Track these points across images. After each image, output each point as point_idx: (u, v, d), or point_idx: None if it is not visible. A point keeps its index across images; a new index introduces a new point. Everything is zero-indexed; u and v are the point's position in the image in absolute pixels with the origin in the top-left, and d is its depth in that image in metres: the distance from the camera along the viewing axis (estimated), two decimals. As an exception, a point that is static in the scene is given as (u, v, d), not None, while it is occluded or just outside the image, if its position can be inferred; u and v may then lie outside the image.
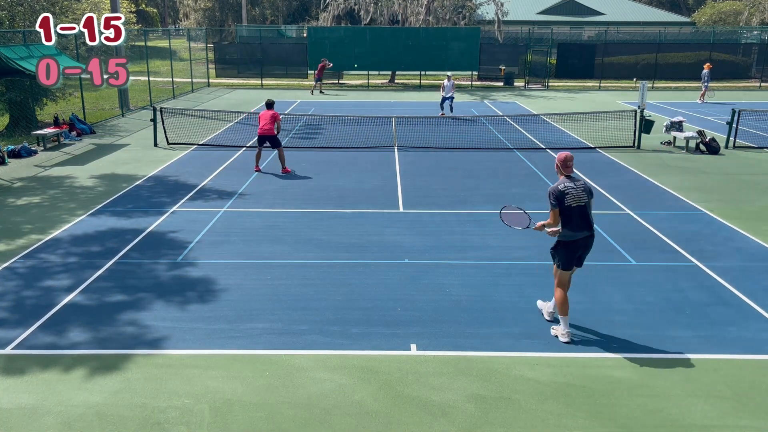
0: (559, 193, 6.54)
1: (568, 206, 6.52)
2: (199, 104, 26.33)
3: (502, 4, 35.38)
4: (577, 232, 6.58)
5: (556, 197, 6.54)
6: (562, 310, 6.75)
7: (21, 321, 7.15)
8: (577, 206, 6.54)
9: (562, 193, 6.53)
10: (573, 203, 6.53)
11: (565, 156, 6.72)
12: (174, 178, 13.81)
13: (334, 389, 5.88)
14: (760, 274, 8.60)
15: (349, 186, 13.14)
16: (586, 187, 6.68)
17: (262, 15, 60.08)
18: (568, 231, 6.58)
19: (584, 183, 6.70)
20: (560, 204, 6.52)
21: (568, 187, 6.56)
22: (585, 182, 6.71)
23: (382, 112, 22.76)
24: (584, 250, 6.72)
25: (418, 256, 9.18)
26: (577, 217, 6.55)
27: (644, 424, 5.41)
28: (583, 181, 6.74)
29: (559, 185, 6.59)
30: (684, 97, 29.91)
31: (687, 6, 63.64)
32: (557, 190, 6.57)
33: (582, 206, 6.56)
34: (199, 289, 8.05)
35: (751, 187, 13.26)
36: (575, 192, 6.56)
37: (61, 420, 5.41)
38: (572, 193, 6.54)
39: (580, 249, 6.68)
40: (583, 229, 6.60)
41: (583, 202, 6.57)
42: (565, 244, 6.64)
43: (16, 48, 14.78)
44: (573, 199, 6.54)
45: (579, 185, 6.62)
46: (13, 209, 11.49)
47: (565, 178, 6.66)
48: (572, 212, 6.53)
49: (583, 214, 6.58)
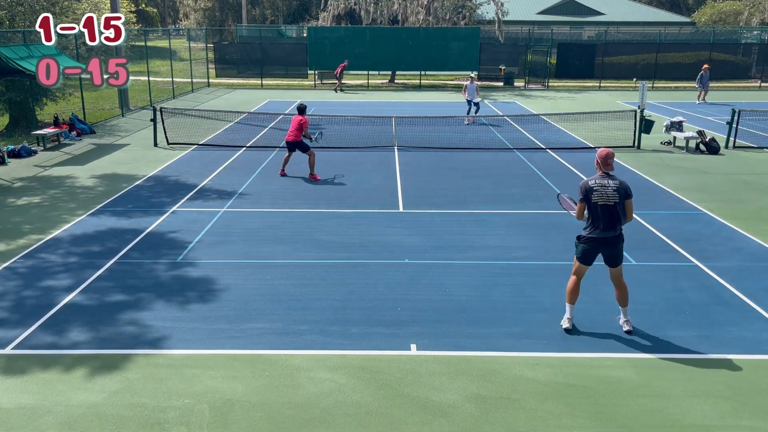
0: (588, 189, 6.55)
1: (594, 203, 6.52)
2: (199, 104, 26.33)
3: (502, 4, 35.38)
4: (598, 231, 6.57)
5: (584, 191, 6.57)
6: (570, 296, 6.87)
7: (21, 321, 7.15)
8: (604, 205, 6.50)
9: (591, 189, 6.54)
10: (599, 201, 6.50)
11: (606, 153, 6.66)
12: (174, 178, 13.81)
13: (333, 389, 5.88)
14: (760, 274, 8.60)
15: (349, 186, 13.14)
16: (621, 188, 6.56)
17: (262, 15, 60.06)
18: (590, 226, 6.62)
19: (620, 183, 6.59)
20: (587, 200, 6.55)
21: (598, 183, 6.54)
22: (622, 183, 6.60)
23: (382, 112, 22.75)
24: (605, 248, 6.66)
25: (418, 256, 9.18)
26: (602, 216, 6.52)
27: (644, 424, 5.41)
28: (620, 180, 6.62)
29: (590, 180, 6.60)
30: (684, 97, 29.90)
31: (687, 6, 63.63)
32: (587, 184, 6.59)
33: (610, 206, 6.50)
34: (199, 289, 8.05)
35: (751, 187, 13.26)
36: (604, 190, 6.50)
37: (61, 420, 5.41)
38: (600, 191, 6.50)
39: (600, 247, 6.66)
40: (606, 230, 6.56)
41: (611, 201, 6.49)
42: (585, 239, 6.69)
43: (16, 48, 14.78)
44: (600, 196, 6.50)
45: (613, 184, 6.54)
46: (13, 209, 11.49)
47: (603, 174, 6.61)
48: (598, 209, 6.52)
49: (609, 214, 6.52)
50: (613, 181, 6.57)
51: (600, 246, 6.65)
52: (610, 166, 6.62)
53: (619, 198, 6.52)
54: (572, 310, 6.95)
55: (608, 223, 6.55)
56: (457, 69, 35.29)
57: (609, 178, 6.59)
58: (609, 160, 6.62)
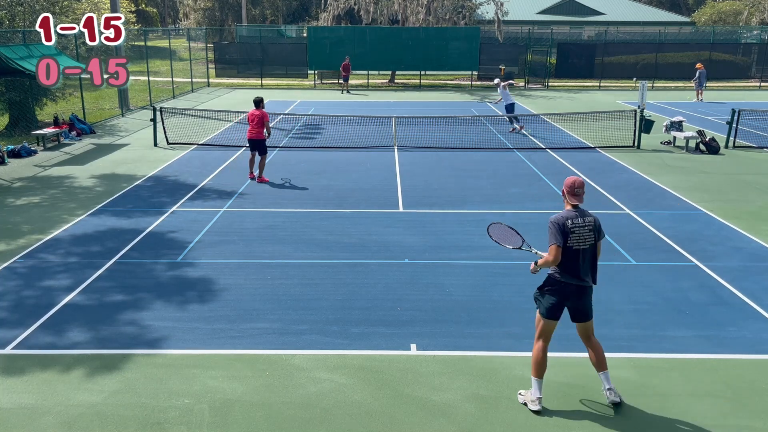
0: (566, 231, 5.31)
1: (569, 247, 5.33)
2: (199, 104, 26.32)
3: (502, 4, 35.37)
4: (572, 278, 5.38)
5: (561, 233, 5.30)
6: (536, 369, 5.56)
7: (21, 321, 7.15)
8: (580, 249, 5.36)
9: (570, 231, 5.31)
10: (575, 245, 5.33)
11: (574, 181, 5.44)
12: (174, 178, 13.81)
13: (333, 389, 5.88)
14: (760, 274, 8.60)
15: (349, 186, 13.14)
16: (596, 225, 5.44)
17: (262, 15, 60.08)
18: (561, 272, 5.41)
19: (594, 219, 5.46)
20: (564, 242, 5.32)
21: (575, 224, 5.33)
22: (595, 219, 5.47)
23: (382, 112, 22.75)
24: (578, 299, 5.47)
25: (418, 256, 9.18)
26: (576, 260, 5.36)
27: (644, 424, 5.41)
28: (593, 216, 5.49)
29: (567, 220, 5.33)
30: (684, 97, 29.90)
31: (687, 6, 63.61)
32: (564, 225, 5.32)
33: (586, 249, 5.38)
34: (199, 289, 8.05)
35: (751, 187, 13.26)
36: (581, 231, 5.34)
37: (61, 420, 5.41)
38: (578, 232, 5.33)
39: (572, 298, 5.44)
40: (582, 277, 5.40)
41: (588, 243, 5.38)
42: (553, 288, 5.44)
43: (16, 48, 14.79)
44: (578, 240, 5.33)
45: (587, 222, 5.38)
46: (13, 209, 11.48)
47: (574, 209, 5.43)
48: (572, 254, 5.34)
49: (586, 259, 5.39)
50: (588, 218, 5.41)
51: (572, 296, 5.44)
52: (580, 197, 5.42)
53: (594, 237, 5.42)
54: (540, 386, 5.57)
55: (584, 270, 5.40)
56: (456, 69, 35.29)
57: (581, 214, 5.40)
58: (579, 191, 5.41)
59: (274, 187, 13.07)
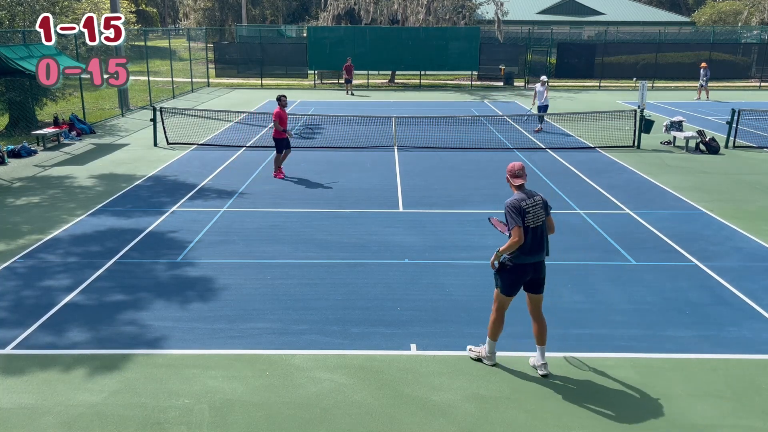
0: (523, 211, 5.75)
1: (527, 227, 5.76)
2: (199, 104, 26.32)
3: (501, 4, 35.38)
4: (530, 256, 5.84)
5: (520, 214, 5.75)
6: (493, 333, 6.15)
7: (21, 321, 7.15)
8: (537, 227, 5.83)
9: (525, 211, 5.76)
10: (532, 224, 5.79)
11: (513, 165, 5.99)
12: (174, 177, 13.81)
13: (333, 389, 5.88)
14: (760, 274, 8.60)
15: (349, 186, 13.14)
16: (544, 202, 5.93)
17: (262, 15, 60.10)
18: (518, 253, 5.83)
19: (542, 197, 5.96)
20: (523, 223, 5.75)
21: (528, 204, 5.79)
22: (542, 197, 5.98)
23: (382, 112, 22.75)
24: (534, 274, 5.94)
25: (418, 256, 9.18)
26: (532, 238, 5.80)
27: (644, 424, 5.41)
28: (540, 194, 5.99)
29: (522, 201, 5.79)
30: (684, 97, 29.90)
31: (687, 6, 63.63)
32: (519, 207, 5.76)
33: (539, 226, 5.85)
34: (199, 288, 8.05)
35: (751, 187, 13.26)
36: (534, 210, 5.80)
37: (61, 420, 5.41)
38: (532, 212, 5.79)
39: (529, 274, 5.92)
40: (537, 252, 5.87)
41: (540, 221, 5.85)
42: (513, 268, 5.89)
43: (16, 48, 14.79)
44: (533, 219, 5.79)
45: (537, 201, 5.87)
46: (13, 209, 11.49)
47: (519, 191, 5.91)
48: (528, 233, 5.77)
49: (539, 236, 5.85)
50: (537, 197, 5.90)
51: (529, 272, 5.91)
52: (524, 177, 5.95)
53: (545, 215, 5.90)
54: (494, 347, 6.23)
55: (539, 246, 5.87)
56: (456, 69, 35.29)
57: (529, 195, 5.87)
58: (522, 172, 5.94)
59: (274, 187, 13.08)
